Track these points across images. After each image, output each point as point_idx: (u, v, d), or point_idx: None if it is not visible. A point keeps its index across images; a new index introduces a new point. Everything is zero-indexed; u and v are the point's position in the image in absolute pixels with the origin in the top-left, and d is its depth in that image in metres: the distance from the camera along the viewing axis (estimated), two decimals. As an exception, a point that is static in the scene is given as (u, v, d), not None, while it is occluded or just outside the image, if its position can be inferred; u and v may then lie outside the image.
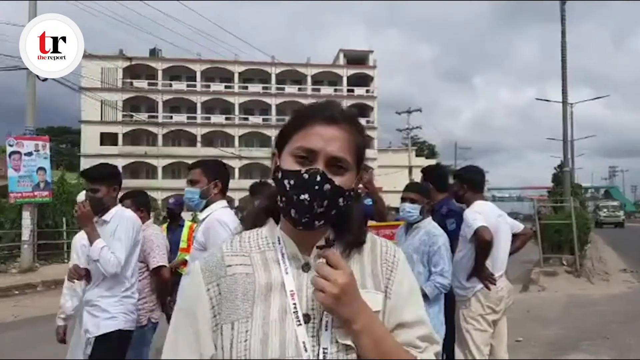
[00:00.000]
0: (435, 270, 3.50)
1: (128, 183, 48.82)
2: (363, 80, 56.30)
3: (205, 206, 3.04)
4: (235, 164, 50.70)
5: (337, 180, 0.99)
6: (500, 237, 3.78)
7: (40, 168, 15.25)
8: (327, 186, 0.97)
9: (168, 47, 45.32)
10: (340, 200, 1.00)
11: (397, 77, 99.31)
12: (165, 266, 4.02)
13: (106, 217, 3.21)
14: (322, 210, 0.98)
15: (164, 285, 4.01)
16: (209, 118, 53.41)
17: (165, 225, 6.05)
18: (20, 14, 15.05)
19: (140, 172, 51.86)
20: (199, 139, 51.33)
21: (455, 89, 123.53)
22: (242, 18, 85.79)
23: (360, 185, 5.53)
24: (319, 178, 0.97)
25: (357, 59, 56.47)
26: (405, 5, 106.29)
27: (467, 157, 53.01)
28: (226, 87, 53.97)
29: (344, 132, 1.03)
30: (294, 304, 0.98)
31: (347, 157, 1.02)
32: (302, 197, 0.97)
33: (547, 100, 28.10)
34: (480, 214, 3.71)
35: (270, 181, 1.15)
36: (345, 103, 55.26)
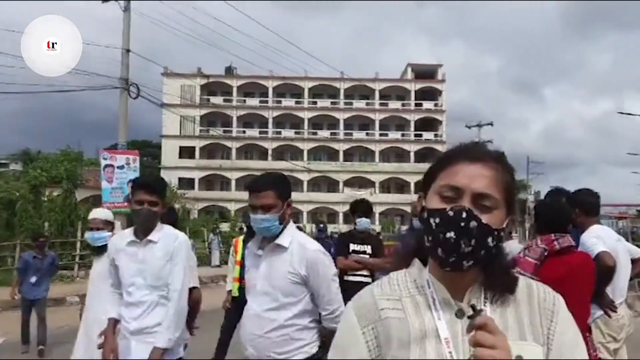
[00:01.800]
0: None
1: (203, 194, 51.21)
2: (431, 94, 55.84)
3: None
4: (304, 177, 51.90)
5: (485, 218, 0.96)
6: (620, 262, 3.55)
7: (130, 180, 16.63)
8: (473, 223, 0.95)
9: (243, 65, 47.49)
10: (489, 239, 0.97)
11: (463, 88, 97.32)
12: (197, 287, 3.61)
13: (152, 237, 2.86)
14: (470, 249, 0.95)
15: (196, 306, 3.55)
16: (279, 132, 55.11)
17: (241, 238, 5.96)
18: (109, 36, 16.76)
19: (215, 185, 54.33)
20: (270, 152, 53.07)
21: (524, 100, 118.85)
22: (311, 34, 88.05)
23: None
24: (464, 215, 0.95)
25: (425, 72, 56.17)
26: (471, 15, 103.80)
27: (539, 172, 50.89)
28: (296, 102, 55.53)
29: (490, 169, 1.01)
30: (450, 352, 0.96)
31: (494, 194, 0.99)
32: (448, 235, 0.95)
33: (630, 114, 26.84)
34: (599, 238, 3.48)
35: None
36: (413, 117, 55.21)
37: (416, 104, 55.59)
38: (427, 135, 55.44)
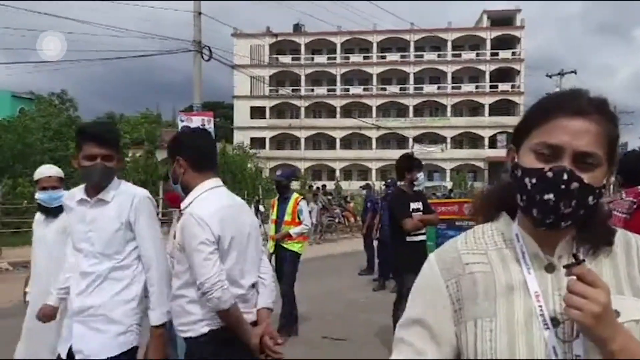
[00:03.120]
0: None
1: (274, 154, 52.36)
2: (508, 42, 52.61)
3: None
4: (373, 134, 51.42)
5: (587, 177, 0.90)
6: None
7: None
8: (575, 185, 0.90)
9: (311, 22, 47.03)
10: (590, 198, 0.92)
11: (543, 34, 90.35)
12: None
13: (105, 195, 2.38)
14: (570, 210, 0.91)
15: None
16: (347, 90, 54.58)
17: (276, 199, 6.05)
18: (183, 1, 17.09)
19: (285, 144, 55.26)
20: (338, 110, 52.87)
21: (610, 44, 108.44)
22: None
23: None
24: (566, 177, 0.90)
25: (502, 20, 52.85)
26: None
27: (628, 123, 46.98)
28: (365, 57, 54.46)
29: (593, 123, 0.93)
30: (540, 306, 0.93)
31: (598, 151, 0.92)
32: (547, 197, 0.90)
33: None
34: None
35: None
36: (489, 67, 52.46)
37: (492, 54, 52.72)
38: (504, 86, 52.67)
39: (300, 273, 5.51)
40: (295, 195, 6.05)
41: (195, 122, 17.56)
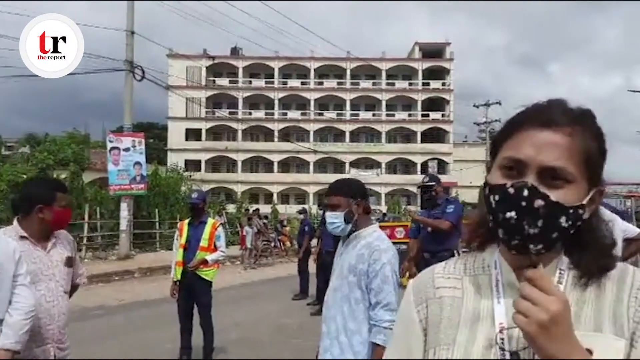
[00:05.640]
0: (376, 300, 2.45)
1: (210, 176, 51.43)
2: (438, 73, 55.30)
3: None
4: (310, 158, 51.86)
5: (554, 195, 0.82)
6: None
7: (137, 163, 16.74)
8: (539, 202, 0.82)
9: (248, 46, 47.15)
10: (562, 219, 0.83)
11: (468, 65, 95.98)
12: None
13: None
14: (537, 231, 0.82)
15: None
16: (285, 113, 54.92)
17: (187, 222, 5.60)
18: (116, 18, 16.65)
19: (221, 166, 54.47)
20: (276, 133, 52.97)
21: (530, 76, 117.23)
22: (317, 13, 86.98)
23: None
24: (526, 192, 0.82)
25: (433, 51, 55.55)
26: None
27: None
28: (302, 83, 55.20)
29: (563, 135, 0.85)
30: (502, 338, 0.86)
31: (568, 166, 0.84)
32: (508, 215, 0.83)
33: (640, 92, 26.42)
34: None
35: None
36: (420, 97, 54.72)
37: (423, 84, 55.09)
38: (435, 115, 55.04)
39: (233, 298, 5.39)
40: (211, 220, 5.71)
41: (126, 142, 17.00)
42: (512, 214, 0.83)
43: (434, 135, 54.75)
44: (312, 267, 10.00)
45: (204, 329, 5.50)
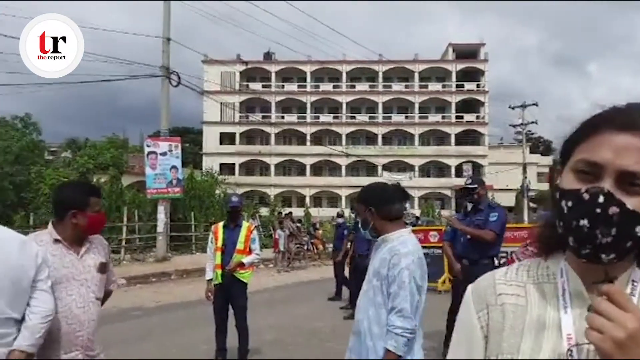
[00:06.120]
0: (392, 305, 2.43)
1: (244, 180, 52.03)
2: (473, 75, 54.43)
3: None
4: (342, 162, 51.83)
5: (631, 202, 0.78)
6: None
7: (173, 166, 17.12)
8: (614, 209, 0.78)
9: (281, 50, 47.62)
10: (638, 228, 0.79)
11: (502, 65, 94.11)
12: None
13: None
14: (610, 240, 0.78)
15: None
16: (317, 117, 55.11)
17: (221, 224, 5.68)
18: (154, 26, 17.06)
19: (254, 170, 55.06)
20: (308, 137, 53.20)
21: (568, 76, 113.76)
22: (349, 16, 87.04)
23: None
24: (602, 199, 0.78)
25: (466, 52, 54.75)
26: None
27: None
28: (334, 86, 55.30)
29: None
30: (570, 350, 0.82)
31: None
32: (581, 222, 0.80)
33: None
34: None
35: None
36: (454, 99, 54.01)
37: (457, 85, 54.34)
38: (469, 117, 54.18)
39: (267, 301, 5.46)
40: (246, 223, 5.84)
41: (162, 147, 17.41)
42: (585, 221, 0.79)
43: (469, 137, 53.88)
44: (347, 270, 10.01)
45: (240, 330, 5.57)
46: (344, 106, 54.58)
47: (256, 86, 55.00)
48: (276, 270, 16.05)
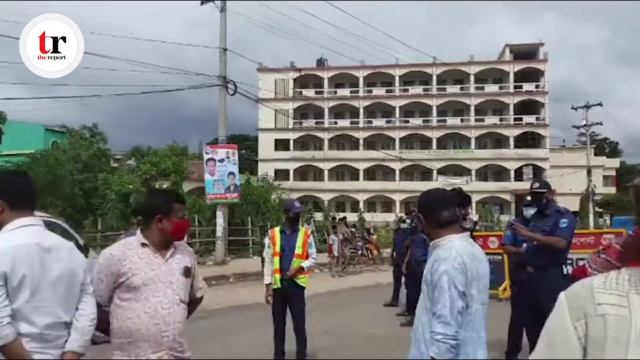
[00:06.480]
0: (434, 311, 2.42)
1: (298, 185, 52.56)
2: (531, 75, 52.49)
3: None
4: (396, 166, 51.36)
5: None
6: None
7: (231, 173, 17.62)
8: None
9: (333, 56, 47.84)
10: None
11: (562, 64, 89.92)
12: None
13: None
14: None
15: None
16: (370, 122, 54.93)
17: (278, 229, 5.74)
18: (204, 35, 17.67)
19: (308, 175, 55.55)
20: (361, 142, 53.12)
21: (634, 74, 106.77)
22: (402, 20, 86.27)
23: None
24: None
25: (524, 53, 52.92)
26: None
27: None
28: (387, 90, 54.96)
29: None
30: None
31: None
32: None
33: None
34: None
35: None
36: (512, 100, 52.32)
37: (515, 87, 52.60)
38: (528, 118, 52.27)
39: (322, 306, 5.51)
40: (303, 228, 5.89)
41: (220, 154, 17.96)
42: None
43: (529, 140, 51.93)
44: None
45: (298, 334, 5.65)
46: (397, 110, 54.10)
47: (309, 92, 55.57)
48: (330, 275, 16.12)
